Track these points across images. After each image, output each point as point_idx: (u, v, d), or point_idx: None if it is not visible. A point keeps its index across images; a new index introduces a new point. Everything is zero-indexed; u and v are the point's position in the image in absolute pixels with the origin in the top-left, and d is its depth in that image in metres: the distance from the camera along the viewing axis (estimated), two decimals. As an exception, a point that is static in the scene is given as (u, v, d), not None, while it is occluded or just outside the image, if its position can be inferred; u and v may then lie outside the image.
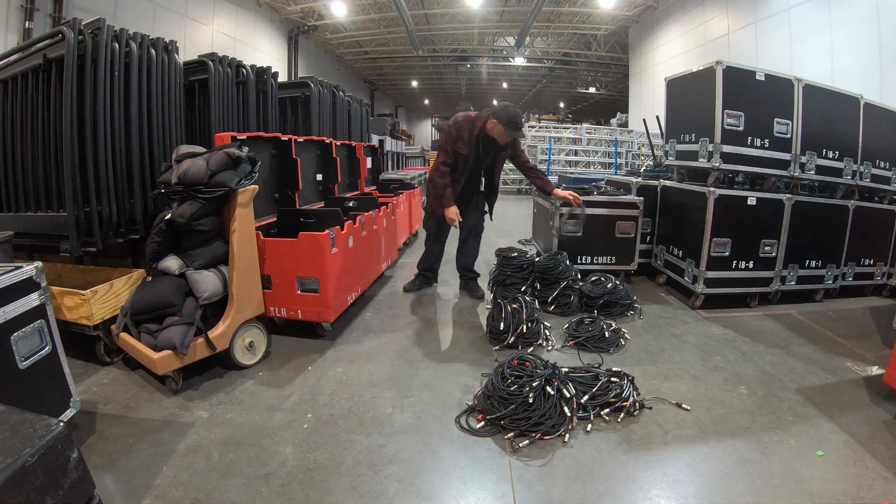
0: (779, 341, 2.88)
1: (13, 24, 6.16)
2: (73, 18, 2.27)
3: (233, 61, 3.38)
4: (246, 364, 2.41)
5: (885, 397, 2.21)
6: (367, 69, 21.61)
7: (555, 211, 3.71)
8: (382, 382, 2.30)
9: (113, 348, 2.40)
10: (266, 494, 1.54)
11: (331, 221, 2.91)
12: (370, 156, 5.19)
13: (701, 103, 3.40)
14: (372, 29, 15.59)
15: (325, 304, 2.65)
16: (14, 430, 1.00)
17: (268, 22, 12.96)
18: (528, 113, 22.43)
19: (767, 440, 1.87)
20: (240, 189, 2.30)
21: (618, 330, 2.82)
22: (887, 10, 6.13)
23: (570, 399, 1.95)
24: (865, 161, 3.71)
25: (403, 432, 1.89)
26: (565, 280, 3.31)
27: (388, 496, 1.55)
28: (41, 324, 1.65)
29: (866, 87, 4.93)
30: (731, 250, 3.35)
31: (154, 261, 2.33)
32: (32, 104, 2.44)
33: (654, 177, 4.40)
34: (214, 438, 1.82)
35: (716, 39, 10.13)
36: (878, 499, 1.56)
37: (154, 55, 2.64)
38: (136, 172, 2.60)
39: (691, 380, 2.36)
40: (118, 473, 1.62)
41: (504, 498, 1.55)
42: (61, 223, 2.34)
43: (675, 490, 1.59)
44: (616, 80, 19.63)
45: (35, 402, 1.60)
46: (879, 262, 3.90)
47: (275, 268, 2.63)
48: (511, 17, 14.50)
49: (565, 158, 12.75)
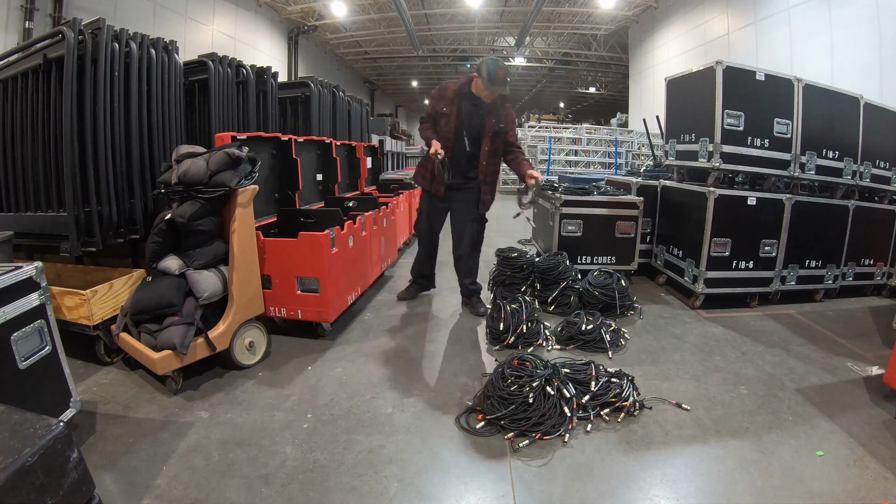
0: (779, 341, 2.88)
1: (13, 24, 6.16)
2: (73, 18, 2.28)
3: (233, 61, 3.38)
4: (246, 364, 2.41)
5: (885, 397, 2.21)
6: (367, 69, 21.60)
7: (555, 211, 3.71)
8: (382, 382, 2.30)
9: (113, 348, 2.40)
10: (266, 494, 1.54)
11: (330, 221, 2.91)
12: (370, 156, 5.19)
13: (701, 103, 3.40)
14: (372, 29, 15.59)
15: (325, 304, 2.65)
16: (14, 430, 1.00)
17: (268, 22, 12.95)
18: (528, 113, 22.43)
19: (767, 440, 1.87)
20: (240, 189, 2.30)
21: (618, 330, 2.82)
22: (887, 10, 6.12)
23: (570, 399, 1.95)
24: (865, 161, 3.71)
25: (403, 432, 1.89)
26: (565, 280, 3.31)
27: (388, 496, 1.55)
28: (41, 324, 1.65)
29: (866, 87, 4.92)
30: (731, 250, 3.35)
31: (154, 261, 2.33)
32: (32, 104, 2.44)
33: (654, 177, 4.40)
34: (214, 438, 1.82)
35: (716, 39, 10.13)
36: (878, 499, 1.56)
37: (154, 55, 2.64)
38: (136, 172, 2.60)
39: (691, 380, 2.36)
40: (118, 473, 1.62)
41: (504, 498, 1.55)
42: (61, 223, 2.34)
43: (676, 490, 1.59)
44: (616, 80, 19.63)
45: (35, 402, 1.60)
46: (879, 262, 3.90)
47: (275, 268, 2.63)
48: (511, 17, 14.50)
49: (565, 158, 12.75)
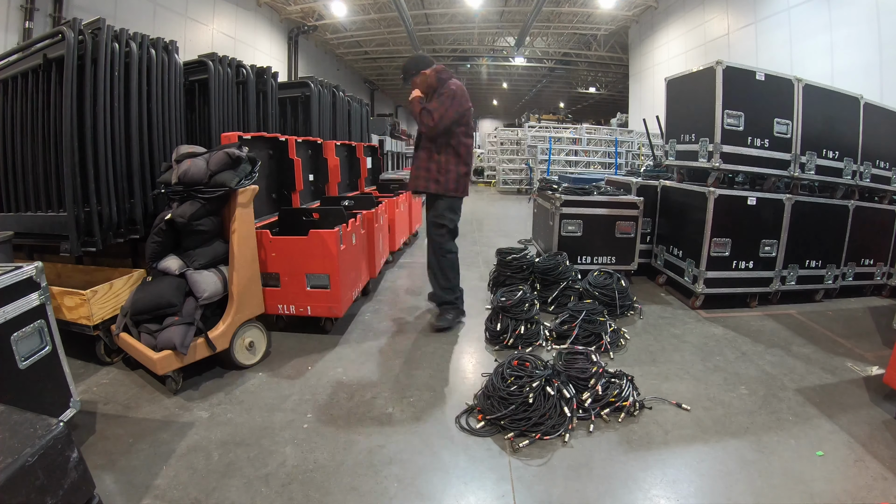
0: (779, 341, 2.88)
1: (13, 24, 6.15)
2: (73, 18, 2.28)
3: (233, 61, 3.38)
4: (246, 364, 2.41)
5: (885, 397, 2.21)
6: (367, 69, 21.59)
7: (555, 211, 3.71)
8: (382, 382, 2.30)
9: (113, 348, 2.40)
10: (266, 494, 1.54)
11: (334, 219, 2.93)
12: (370, 156, 5.19)
13: (701, 103, 3.40)
14: (372, 29, 15.58)
15: (336, 299, 2.69)
16: (14, 430, 1.00)
17: (268, 22, 12.95)
18: (529, 113, 22.43)
19: (767, 440, 1.87)
20: (240, 189, 2.30)
21: (618, 330, 2.82)
22: (887, 10, 6.12)
23: (570, 399, 1.95)
24: (865, 161, 3.71)
25: (403, 432, 1.89)
26: (565, 280, 3.31)
27: (388, 496, 1.55)
28: (41, 324, 1.65)
29: (866, 87, 4.92)
30: (731, 250, 3.34)
31: (154, 261, 2.33)
32: (32, 104, 2.44)
33: (654, 177, 4.40)
34: (214, 438, 1.82)
35: (716, 39, 10.12)
36: (878, 499, 1.56)
37: (154, 55, 2.64)
38: (136, 172, 2.60)
39: (691, 380, 2.36)
40: (118, 473, 1.62)
41: (504, 498, 1.55)
42: (61, 223, 2.34)
43: (675, 490, 1.59)
44: (616, 80, 19.62)
45: (35, 402, 1.60)
46: (879, 262, 3.90)
47: (283, 266, 2.66)
48: (511, 17, 14.49)
49: (565, 158, 12.74)
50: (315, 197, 3.91)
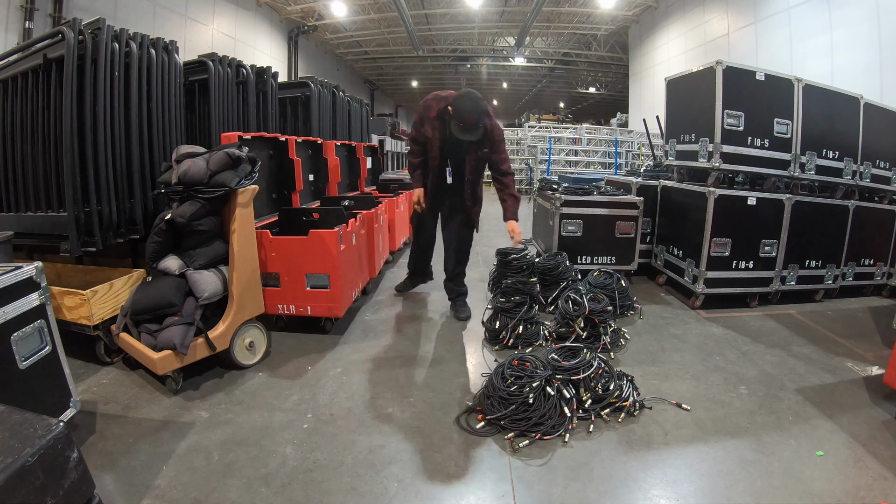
0: (779, 341, 2.88)
1: (13, 24, 6.16)
2: (73, 18, 2.27)
3: (233, 61, 3.38)
4: (246, 364, 2.41)
5: (885, 397, 2.21)
6: (367, 69, 21.60)
7: (555, 211, 3.71)
8: (382, 382, 2.29)
9: (113, 348, 2.40)
10: (266, 494, 1.54)
11: (335, 219, 2.93)
12: (370, 156, 5.19)
13: (701, 103, 3.40)
14: (372, 29, 15.59)
15: (336, 299, 2.69)
16: (14, 430, 1.00)
17: (268, 22, 12.95)
18: (528, 113, 22.42)
19: (767, 440, 1.87)
20: (240, 189, 2.30)
21: (618, 330, 2.82)
22: (887, 10, 6.12)
23: (570, 399, 1.95)
24: (865, 161, 3.71)
25: (403, 432, 1.89)
26: (565, 280, 3.31)
27: (388, 496, 1.55)
28: (41, 324, 1.65)
29: (866, 87, 4.92)
30: (731, 250, 3.34)
31: (154, 261, 2.32)
32: (32, 104, 2.43)
33: (654, 177, 4.39)
34: (214, 438, 1.82)
35: (716, 39, 10.13)
36: (878, 499, 1.56)
37: (154, 55, 2.64)
38: (136, 172, 2.60)
39: (691, 380, 2.36)
40: (118, 473, 1.62)
41: (504, 498, 1.55)
42: (61, 223, 2.34)
43: (676, 490, 1.59)
44: (616, 80, 19.63)
45: (35, 402, 1.60)
46: (879, 262, 3.90)
47: (283, 266, 2.67)
48: (511, 17, 14.49)
49: (565, 158, 12.75)
50: (315, 197, 3.91)
